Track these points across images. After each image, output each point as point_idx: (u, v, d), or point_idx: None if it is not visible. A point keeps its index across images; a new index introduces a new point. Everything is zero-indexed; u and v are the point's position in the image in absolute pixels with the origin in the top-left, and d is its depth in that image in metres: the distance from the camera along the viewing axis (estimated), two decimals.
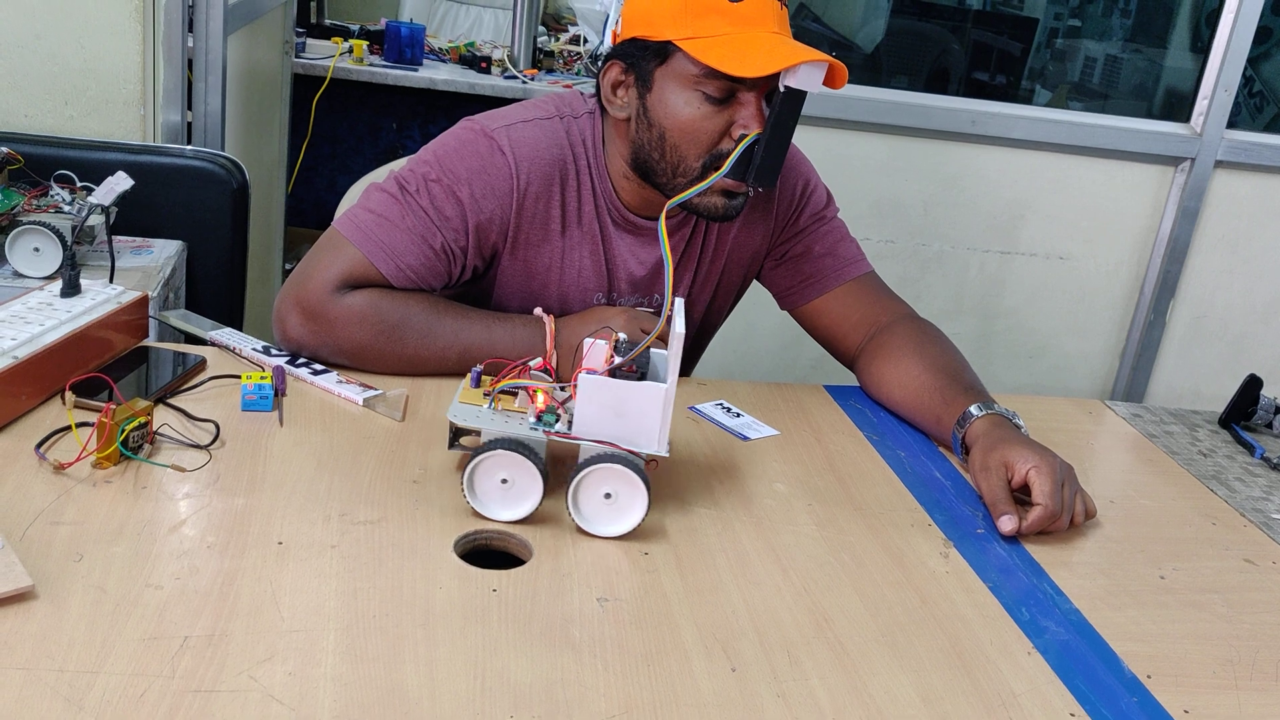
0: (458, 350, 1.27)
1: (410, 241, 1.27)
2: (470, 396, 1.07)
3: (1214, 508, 1.28)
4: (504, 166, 1.29)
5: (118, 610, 0.82)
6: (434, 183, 1.28)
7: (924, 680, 0.89)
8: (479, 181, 1.28)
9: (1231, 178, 2.72)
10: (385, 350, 1.26)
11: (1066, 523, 1.14)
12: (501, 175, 1.29)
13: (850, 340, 1.46)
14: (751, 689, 0.84)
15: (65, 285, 1.22)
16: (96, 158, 1.80)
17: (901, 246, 2.69)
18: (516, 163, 1.29)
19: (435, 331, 1.26)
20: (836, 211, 1.50)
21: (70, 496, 0.96)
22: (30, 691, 0.74)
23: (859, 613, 0.96)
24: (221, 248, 1.92)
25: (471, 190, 1.28)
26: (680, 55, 1.23)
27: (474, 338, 1.27)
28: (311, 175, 3.84)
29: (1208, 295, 2.83)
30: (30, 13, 1.83)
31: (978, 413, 1.24)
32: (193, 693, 0.75)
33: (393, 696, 0.78)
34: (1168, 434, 1.47)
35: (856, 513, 1.14)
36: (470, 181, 1.28)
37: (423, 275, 1.28)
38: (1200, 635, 1.01)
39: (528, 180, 1.30)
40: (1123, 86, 3.71)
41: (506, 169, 1.29)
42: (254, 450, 1.08)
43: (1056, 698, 0.89)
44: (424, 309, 1.27)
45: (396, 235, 1.26)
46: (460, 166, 1.28)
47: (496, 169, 1.29)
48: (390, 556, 0.94)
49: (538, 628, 0.88)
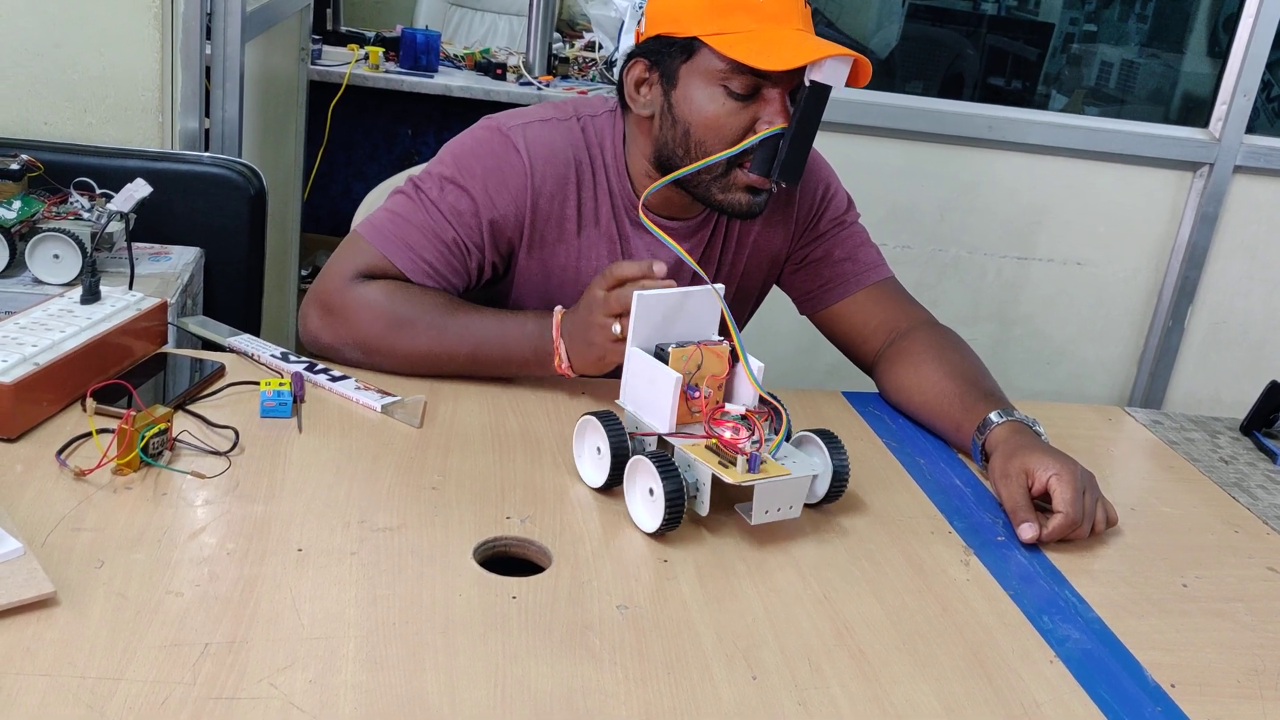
0: (469, 345, 1.27)
1: (424, 236, 1.29)
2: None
3: (1236, 515, 1.27)
4: (519, 165, 1.30)
5: (139, 617, 0.83)
6: (448, 181, 1.30)
7: (945, 689, 0.88)
8: (493, 179, 1.30)
9: (1251, 183, 2.71)
10: (397, 343, 1.26)
11: (1087, 531, 1.13)
12: (516, 173, 1.30)
13: (869, 346, 1.45)
14: (772, 697, 0.84)
15: (85, 292, 1.22)
16: (115, 165, 1.81)
17: (918, 252, 2.68)
18: (531, 161, 1.30)
19: (447, 325, 1.27)
20: (857, 216, 1.50)
21: (91, 503, 0.96)
22: (53, 698, 0.74)
23: (880, 621, 0.96)
24: (239, 254, 1.92)
25: (485, 187, 1.29)
26: (706, 51, 1.23)
27: (486, 332, 1.27)
28: (327, 182, 3.84)
29: (1227, 301, 2.81)
30: (50, 21, 1.84)
31: (998, 419, 1.24)
32: (214, 700, 0.75)
33: (413, 704, 0.78)
34: (1188, 441, 1.46)
35: (876, 520, 1.13)
36: (485, 179, 1.30)
37: (439, 270, 1.29)
38: (1224, 644, 1.00)
39: (542, 179, 1.31)
40: (1139, 91, 3.69)
41: (521, 167, 1.30)
42: (273, 457, 1.08)
43: (1080, 707, 0.88)
44: (437, 303, 1.28)
45: (411, 231, 1.29)
46: (475, 165, 1.30)
47: (511, 167, 1.30)
48: (410, 563, 0.94)
49: (558, 635, 0.87)
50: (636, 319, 1.09)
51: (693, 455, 1.04)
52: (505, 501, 1.06)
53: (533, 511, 1.05)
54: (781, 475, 1.03)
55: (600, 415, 1.08)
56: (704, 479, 1.03)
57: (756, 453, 1.02)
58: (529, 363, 1.26)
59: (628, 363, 1.11)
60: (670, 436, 1.06)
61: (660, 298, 1.11)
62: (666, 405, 1.06)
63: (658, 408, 1.07)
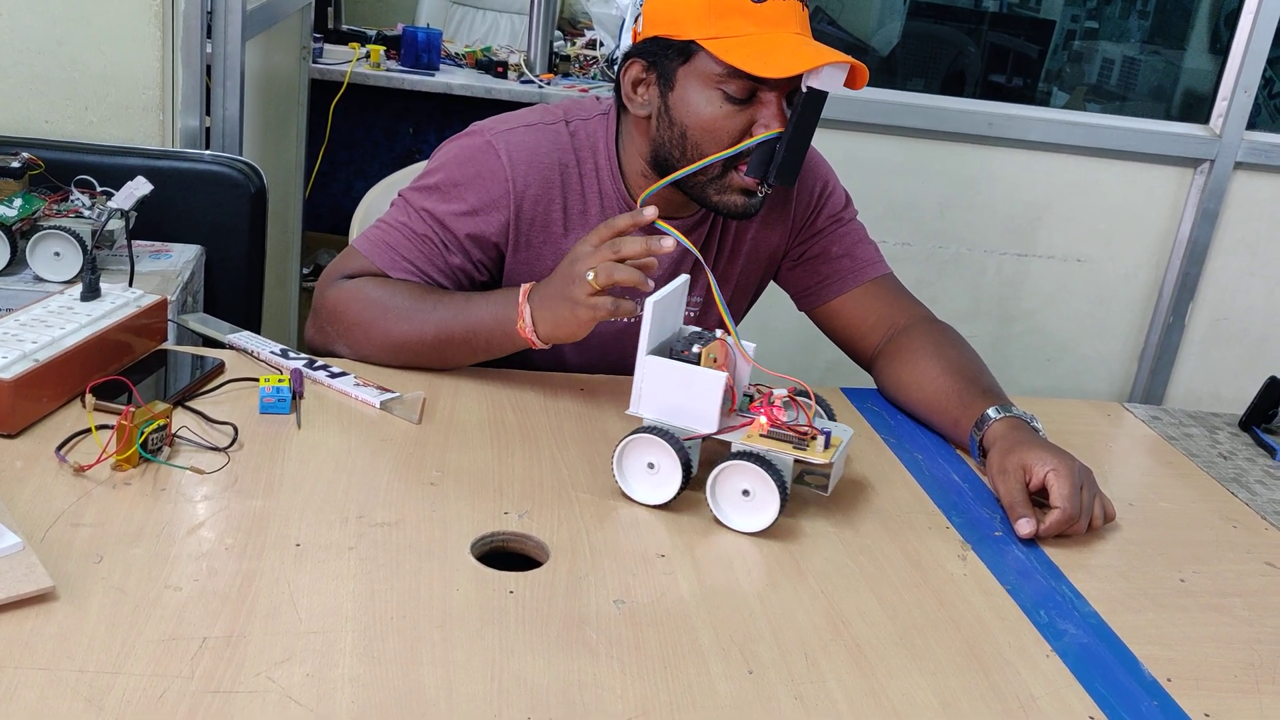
0: (435, 323, 1.27)
1: (404, 238, 1.32)
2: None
3: (1234, 511, 1.27)
4: (500, 171, 1.32)
5: (137, 611, 0.83)
6: (432, 188, 1.34)
7: (942, 683, 0.88)
8: (477, 185, 1.32)
9: (1251, 179, 2.70)
10: (373, 330, 1.28)
11: (1085, 526, 1.13)
12: (498, 180, 1.32)
13: (868, 342, 1.45)
14: (769, 691, 0.84)
15: (85, 289, 1.23)
16: (116, 163, 1.81)
17: (918, 249, 2.68)
18: (513, 167, 1.32)
19: (416, 308, 1.28)
20: (855, 213, 1.50)
21: (90, 498, 0.97)
22: (51, 692, 0.74)
23: (876, 615, 0.96)
24: (239, 252, 1.93)
25: (467, 193, 1.32)
26: (704, 55, 1.23)
27: (452, 307, 1.27)
28: (329, 180, 3.85)
29: (1227, 297, 2.81)
30: (51, 19, 1.84)
31: (996, 415, 1.24)
32: (212, 693, 0.76)
33: (410, 698, 0.78)
34: (1187, 436, 1.46)
35: (874, 515, 1.13)
36: (469, 185, 1.32)
37: (418, 265, 1.32)
38: (1221, 639, 1.00)
39: (525, 184, 1.32)
40: (1140, 88, 3.69)
41: (503, 174, 1.32)
42: (272, 453, 1.09)
43: (1076, 701, 0.88)
44: (409, 290, 1.30)
45: (394, 234, 1.33)
46: (458, 172, 1.33)
47: (493, 173, 1.32)
48: (407, 558, 0.94)
49: (555, 630, 0.88)
50: (650, 326, 1.08)
51: (762, 446, 1.05)
52: (503, 497, 1.06)
53: (530, 506, 1.05)
54: (842, 442, 1.09)
55: (648, 431, 1.07)
56: (784, 466, 1.05)
57: (827, 430, 1.07)
58: (492, 333, 1.25)
59: (648, 372, 1.08)
60: (719, 435, 1.07)
61: (666, 297, 1.11)
62: (714, 407, 1.06)
63: (700, 411, 1.07)
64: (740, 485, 1.05)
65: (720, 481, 1.06)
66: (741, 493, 1.05)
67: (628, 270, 1.14)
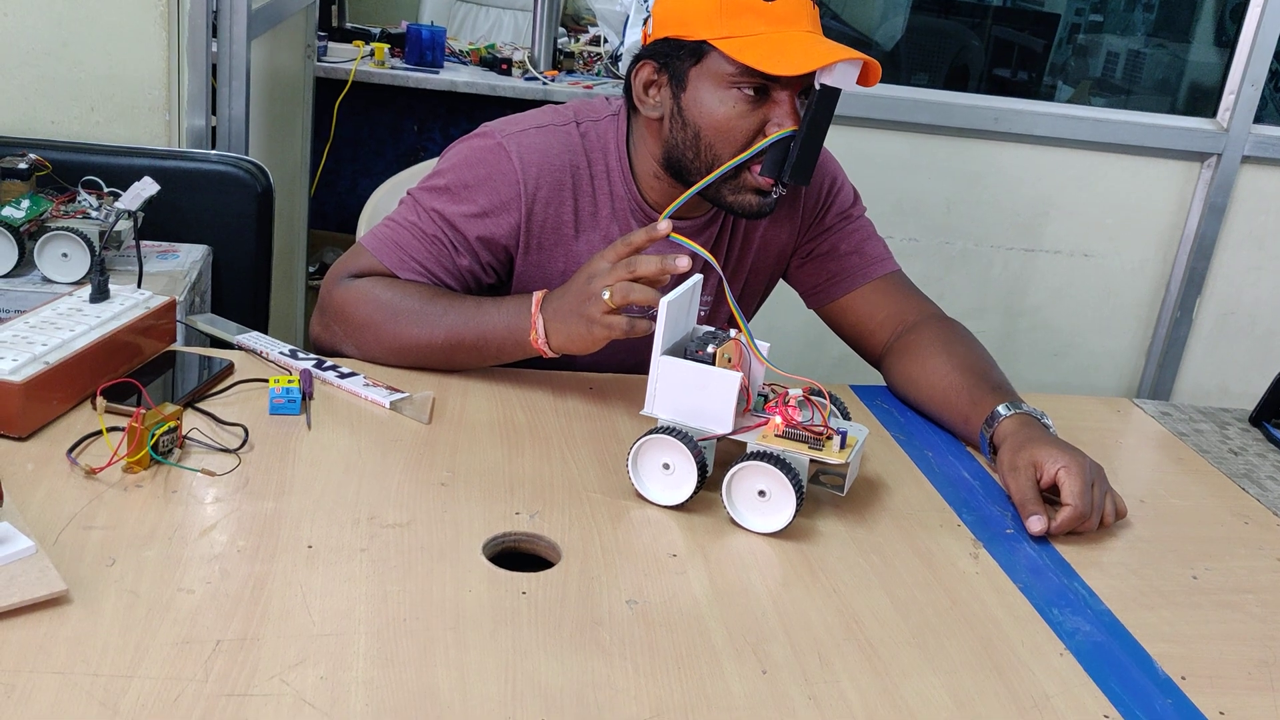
0: (446, 327, 1.27)
1: (414, 238, 1.32)
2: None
3: (1246, 507, 1.27)
4: (511, 173, 1.31)
5: (150, 614, 0.83)
6: (442, 190, 1.32)
7: (955, 682, 0.88)
8: (487, 187, 1.31)
9: (1259, 173, 2.70)
10: (382, 331, 1.28)
11: (1096, 523, 1.13)
12: (508, 182, 1.31)
13: (877, 339, 1.45)
14: (783, 691, 0.84)
15: (94, 290, 1.23)
16: (123, 163, 1.81)
17: (924, 245, 2.68)
18: (524, 169, 1.31)
19: (426, 311, 1.28)
20: (864, 210, 1.50)
21: (102, 501, 0.97)
22: (66, 695, 0.74)
23: (889, 614, 0.96)
24: (246, 251, 1.93)
25: (478, 196, 1.31)
26: (716, 54, 1.23)
27: (464, 313, 1.27)
28: (334, 178, 3.85)
29: (1235, 292, 2.80)
30: (57, 20, 1.84)
31: (1006, 412, 1.24)
32: (226, 696, 0.76)
33: (424, 700, 0.78)
34: (1197, 432, 1.46)
35: (885, 513, 1.13)
36: (480, 186, 1.31)
37: (427, 267, 1.31)
38: (1235, 636, 1.00)
39: (536, 186, 1.31)
40: (1146, 82, 3.68)
41: (513, 176, 1.31)
42: (282, 454, 1.09)
43: (1090, 699, 0.88)
44: (419, 292, 1.30)
45: (403, 233, 1.32)
46: (469, 174, 1.32)
47: (504, 175, 1.31)
48: (419, 560, 0.94)
49: (568, 630, 0.88)
50: (665, 326, 1.08)
51: (778, 447, 1.05)
52: (514, 497, 1.06)
53: (542, 507, 1.05)
54: (858, 441, 1.08)
55: (664, 431, 1.07)
56: (800, 466, 1.05)
57: (842, 430, 1.07)
58: (504, 341, 1.24)
59: (663, 373, 1.08)
60: (734, 435, 1.07)
61: (681, 297, 1.11)
62: (729, 407, 1.06)
63: (715, 411, 1.07)
64: (756, 486, 1.05)
65: (736, 482, 1.05)
66: (757, 493, 1.05)
67: (643, 290, 1.13)
